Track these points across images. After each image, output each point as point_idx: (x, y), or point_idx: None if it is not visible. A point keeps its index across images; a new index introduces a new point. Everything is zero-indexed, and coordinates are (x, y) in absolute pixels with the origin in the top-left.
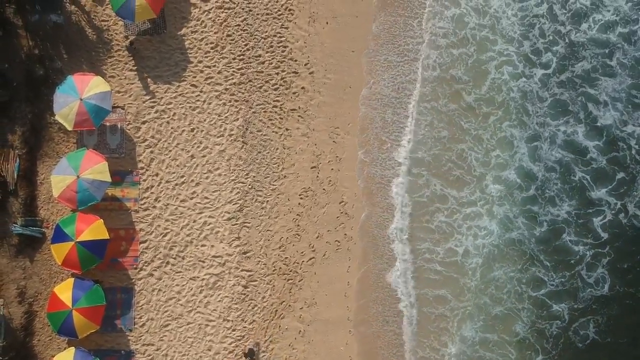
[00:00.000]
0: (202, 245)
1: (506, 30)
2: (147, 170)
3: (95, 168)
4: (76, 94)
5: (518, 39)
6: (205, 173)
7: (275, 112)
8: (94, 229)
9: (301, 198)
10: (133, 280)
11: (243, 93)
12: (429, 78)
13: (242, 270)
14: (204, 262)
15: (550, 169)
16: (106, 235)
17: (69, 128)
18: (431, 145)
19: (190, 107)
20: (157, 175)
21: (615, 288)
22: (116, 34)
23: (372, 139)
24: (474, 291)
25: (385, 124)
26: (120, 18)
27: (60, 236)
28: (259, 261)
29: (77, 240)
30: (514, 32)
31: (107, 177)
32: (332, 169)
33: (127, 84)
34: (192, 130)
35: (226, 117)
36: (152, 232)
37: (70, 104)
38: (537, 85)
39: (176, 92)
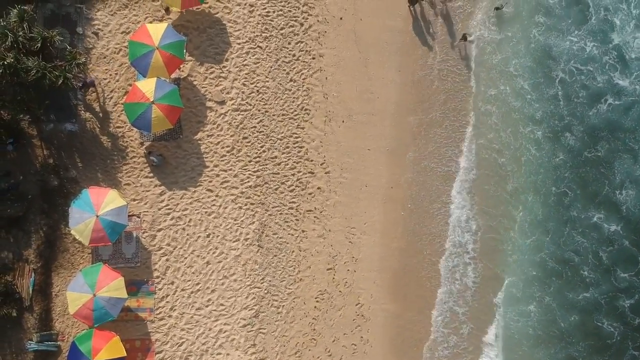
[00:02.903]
0: (218, 354)
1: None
2: (162, 279)
3: (112, 285)
4: (92, 210)
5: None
6: (220, 279)
7: (291, 213)
8: (110, 348)
9: (317, 301)
10: None
11: (259, 196)
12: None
13: None
14: None
15: (577, 252)
16: (123, 353)
17: (85, 244)
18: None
19: (206, 212)
20: (172, 283)
21: None
22: (131, 140)
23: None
24: None
25: None
26: (136, 129)
27: (76, 356)
28: None
29: None
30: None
31: (124, 294)
32: (348, 270)
33: (143, 191)
34: (208, 236)
35: (242, 221)
36: (168, 342)
37: (86, 220)
38: (560, 167)
39: (192, 197)
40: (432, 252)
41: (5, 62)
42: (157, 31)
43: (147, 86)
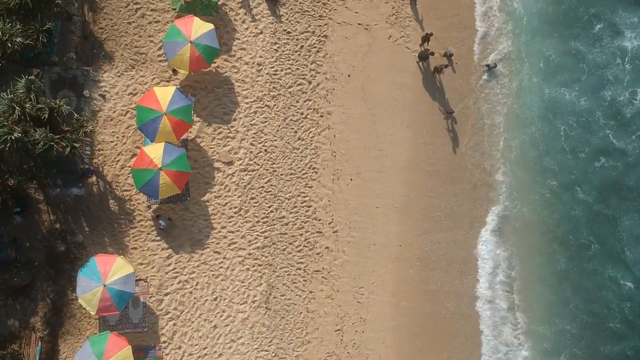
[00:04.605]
0: None
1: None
2: (169, 343)
3: (119, 355)
4: (99, 279)
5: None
6: (228, 343)
7: (299, 274)
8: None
9: None
10: None
11: (267, 257)
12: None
13: None
14: None
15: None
16: None
17: (93, 313)
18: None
19: (213, 274)
20: (179, 348)
21: None
22: (138, 203)
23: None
24: None
25: None
26: (144, 194)
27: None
28: None
29: None
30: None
31: None
32: (356, 331)
33: (150, 255)
34: (215, 299)
35: (249, 283)
36: None
37: (94, 290)
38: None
39: (199, 260)
40: (442, 310)
41: (14, 137)
42: (165, 96)
43: (155, 152)
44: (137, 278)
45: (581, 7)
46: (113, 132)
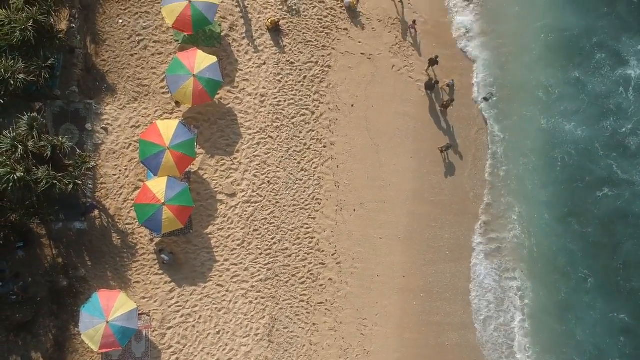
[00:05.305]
0: None
1: None
2: None
3: None
4: (102, 316)
5: None
6: None
7: (302, 306)
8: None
9: None
10: None
11: (269, 289)
12: None
13: None
14: None
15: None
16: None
17: (95, 349)
18: None
19: (216, 308)
20: None
21: None
22: (141, 237)
23: None
24: None
25: None
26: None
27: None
28: None
29: None
30: None
31: None
32: None
33: (153, 288)
34: (218, 332)
35: (252, 316)
36: None
37: (97, 326)
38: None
39: (202, 293)
40: (446, 342)
41: (16, 176)
42: (167, 130)
43: (157, 186)
44: (140, 312)
45: (583, 35)
46: (115, 165)
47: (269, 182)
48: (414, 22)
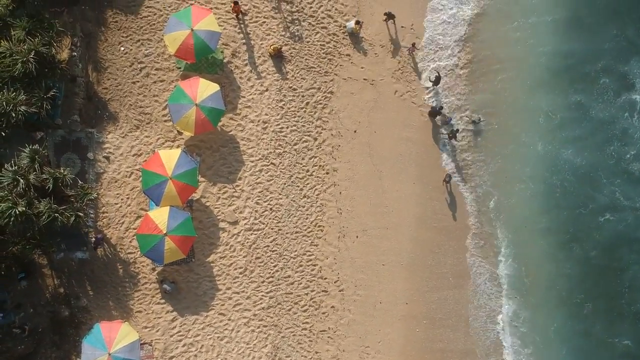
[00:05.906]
0: None
1: None
2: None
3: None
4: (104, 348)
5: None
6: None
7: (305, 334)
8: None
9: None
10: None
11: (272, 317)
12: None
13: None
14: None
15: None
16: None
17: None
18: None
19: (218, 337)
20: None
21: None
22: (143, 266)
23: None
24: None
25: None
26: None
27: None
28: None
29: None
30: None
31: None
32: None
33: (155, 318)
34: None
35: (254, 344)
36: None
37: (99, 358)
38: None
39: (204, 322)
40: None
41: (18, 211)
42: (170, 160)
43: (160, 217)
44: (142, 342)
45: (588, 59)
46: (117, 194)
47: (271, 209)
48: (413, 44)
